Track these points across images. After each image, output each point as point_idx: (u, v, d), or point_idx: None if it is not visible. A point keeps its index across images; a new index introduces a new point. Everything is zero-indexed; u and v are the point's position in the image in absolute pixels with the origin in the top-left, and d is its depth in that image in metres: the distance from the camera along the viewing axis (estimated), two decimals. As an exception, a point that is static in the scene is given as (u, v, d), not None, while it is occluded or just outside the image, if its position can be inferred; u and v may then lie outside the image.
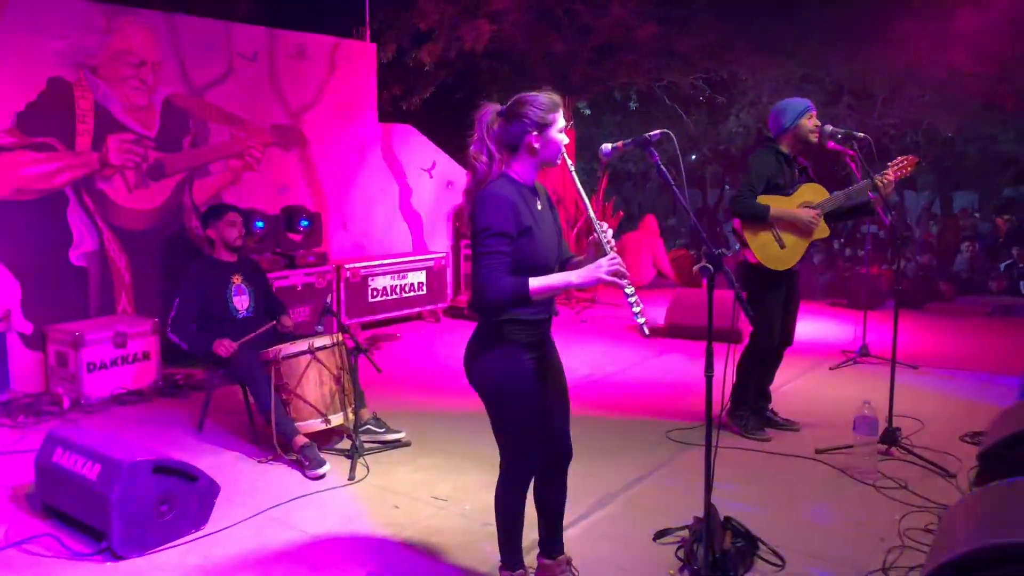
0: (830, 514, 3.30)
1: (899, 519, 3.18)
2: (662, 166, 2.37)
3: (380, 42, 8.23)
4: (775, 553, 2.87)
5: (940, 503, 3.30)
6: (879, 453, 3.82)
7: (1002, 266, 10.10)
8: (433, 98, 11.04)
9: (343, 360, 4.06)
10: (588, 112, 13.96)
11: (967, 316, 7.91)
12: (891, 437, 3.89)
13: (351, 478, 3.65)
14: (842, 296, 8.33)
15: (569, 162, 2.41)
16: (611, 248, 2.25)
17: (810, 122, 4.02)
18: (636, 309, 2.20)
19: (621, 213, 10.97)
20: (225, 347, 4.01)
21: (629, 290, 2.19)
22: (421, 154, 8.17)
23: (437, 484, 3.62)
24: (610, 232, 2.30)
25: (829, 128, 3.98)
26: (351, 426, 3.94)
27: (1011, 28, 8.06)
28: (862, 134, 3.92)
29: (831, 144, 3.98)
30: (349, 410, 4.02)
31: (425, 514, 3.30)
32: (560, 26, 9.54)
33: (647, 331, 2.22)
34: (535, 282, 2.19)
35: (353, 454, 3.78)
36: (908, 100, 10.94)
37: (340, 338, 4.11)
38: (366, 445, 3.97)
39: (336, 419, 4.00)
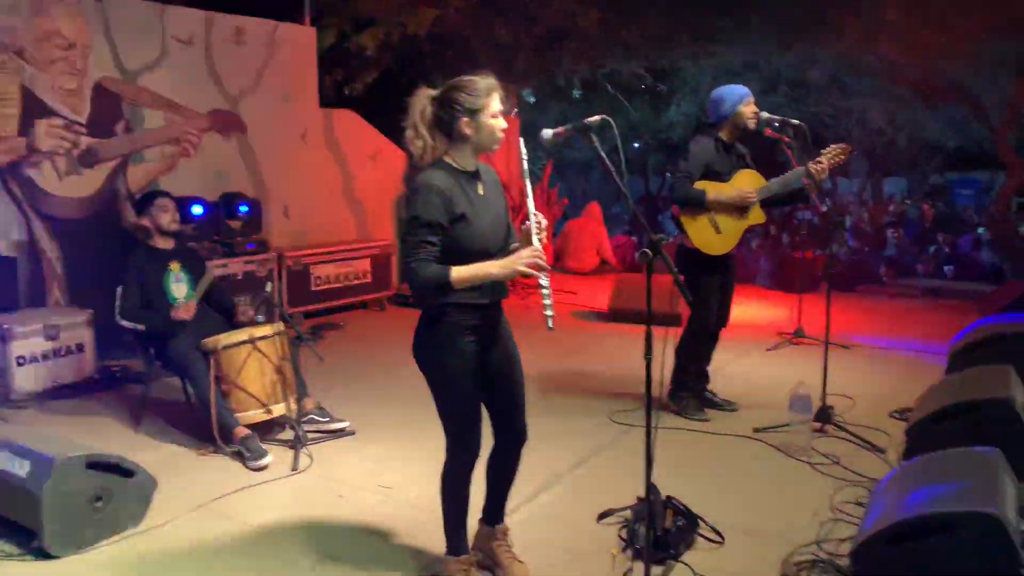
0: (767, 490, 3.41)
1: (832, 494, 3.31)
2: (602, 152, 2.40)
3: (320, 26, 8.07)
4: (714, 530, 2.95)
5: (871, 477, 3.43)
6: (814, 431, 3.96)
7: (931, 249, 10.54)
8: (377, 84, 10.90)
9: (285, 350, 4.00)
10: (533, 100, 13.97)
11: (897, 298, 8.23)
12: (825, 415, 4.03)
13: (294, 468, 3.61)
14: (779, 280, 8.56)
15: (523, 150, 2.41)
16: (539, 239, 2.26)
17: (748, 109, 4.09)
18: (546, 302, 2.22)
19: (566, 201, 11.05)
20: (184, 310, 4.00)
21: (544, 282, 2.22)
22: (364, 140, 8.07)
23: (383, 473, 3.61)
24: (544, 223, 2.30)
25: (766, 115, 4.06)
26: (294, 416, 3.89)
27: (939, 19, 8.36)
28: (798, 121, 4.01)
29: (768, 131, 4.07)
30: (292, 400, 3.97)
31: (371, 503, 3.29)
32: (505, 12, 9.51)
33: (551, 325, 2.22)
34: (457, 271, 2.22)
35: (296, 444, 3.74)
36: (843, 89, 11.28)
37: (282, 327, 4.05)
38: (309, 435, 3.92)
39: (278, 409, 3.94)
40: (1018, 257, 8.97)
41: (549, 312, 2.21)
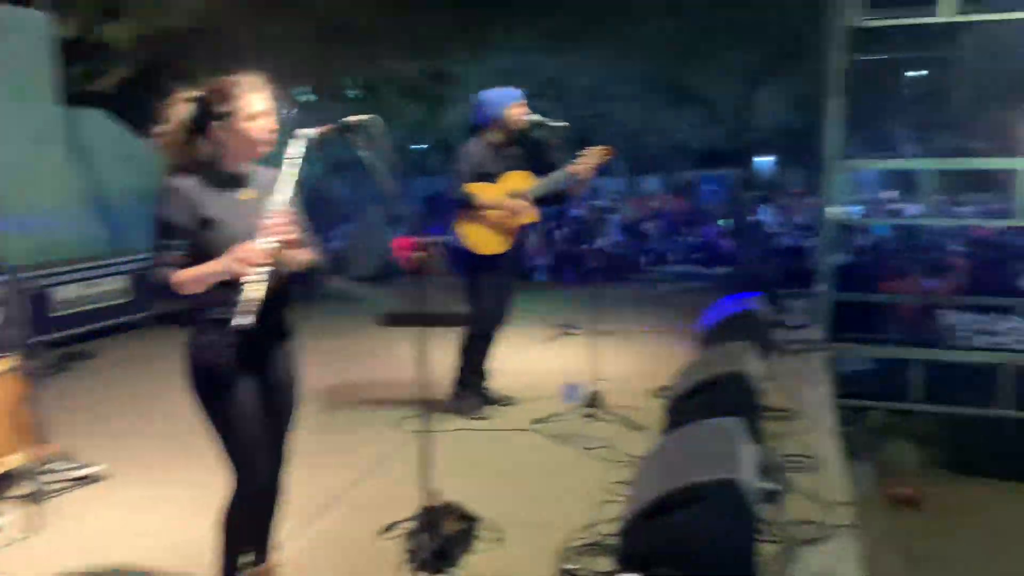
0: (545, 481, 3.54)
1: (605, 476, 3.51)
2: (364, 152, 2.35)
3: (61, 13, 7.15)
4: (495, 528, 3.01)
5: (638, 456, 3.68)
6: (586, 417, 4.19)
7: (681, 240, 11.68)
8: (133, 80, 9.93)
9: (18, 389, 3.48)
10: (312, 99, 13.51)
11: (656, 285, 9.00)
12: (595, 400, 4.28)
13: (32, 528, 3.14)
14: (554, 274, 9.02)
15: (294, 151, 2.28)
16: (268, 236, 2.12)
17: (516, 111, 4.19)
18: (242, 298, 2.05)
19: (350, 205, 10.85)
20: None
21: (250, 278, 2.07)
22: (116, 142, 7.30)
23: (142, 519, 3.25)
24: (279, 220, 2.15)
25: (533, 117, 4.21)
26: (31, 466, 3.39)
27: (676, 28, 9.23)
28: (564, 123, 4.16)
29: (535, 133, 4.22)
30: (27, 448, 3.46)
31: (128, 554, 2.95)
32: (277, 5, 9.08)
33: (242, 321, 2.04)
34: (179, 273, 2.14)
35: (35, 499, 3.27)
36: (605, 94, 12.16)
37: (14, 362, 3.53)
38: (52, 486, 3.45)
39: (10, 461, 3.42)
40: (752, 243, 10.21)
41: (241, 307, 2.05)
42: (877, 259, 10.38)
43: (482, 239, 4.18)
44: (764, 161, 21.23)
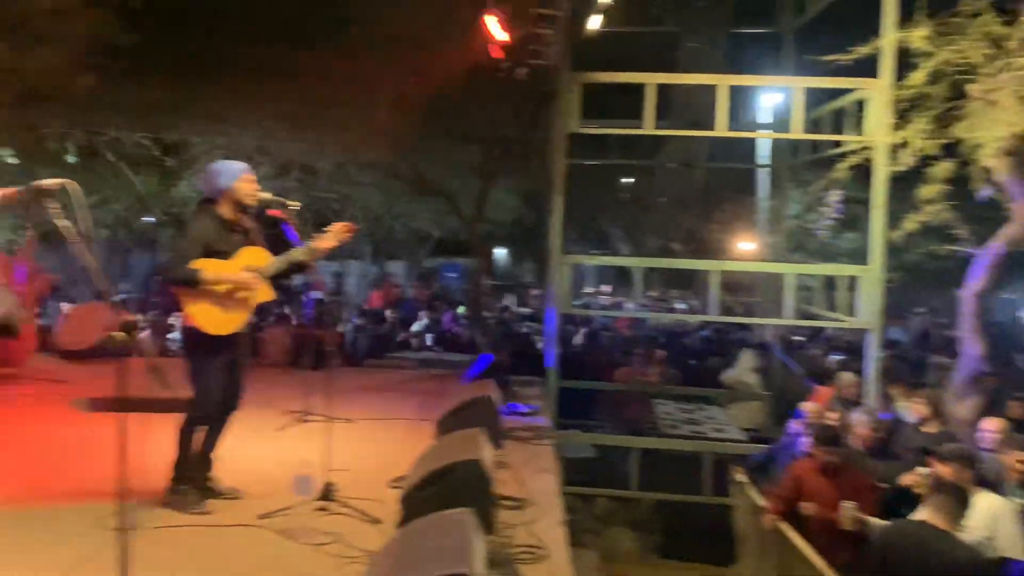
0: (272, 580, 3.28)
1: (335, 574, 3.32)
2: (60, 221, 2.12)
3: None
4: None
5: (372, 551, 3.49)
6: (318, 510, 3.96)
7: (420, 325, 11.95)
8: None
9: None
10: (16, 161, 11.85)
11: (397, 370, 8.99)
12: (328, 493, 4.07)
13: None
14: (290, 358, 8.61)
15: None
16: None
17: (246, 185, 4.04)
18: None
19: (55, 277, 9.62)
20: None
21: None
22: None
23: None
24: None
25: (266, 195, 4.12)
26: None
27: (421, 124, 9.70)
28: (298, 203, 4.16)
29: (273, 211, 4.13)
30: None
31: None
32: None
33: None
34: None
35: None
36: (348, 178, 12.26)
37: None
38: None
39: None
40: (488, 330, 10.73)
41: None
42: (596, 349, 11.40)
43: (210, 318, 3.91)
44: (499, 252, 22.72)
